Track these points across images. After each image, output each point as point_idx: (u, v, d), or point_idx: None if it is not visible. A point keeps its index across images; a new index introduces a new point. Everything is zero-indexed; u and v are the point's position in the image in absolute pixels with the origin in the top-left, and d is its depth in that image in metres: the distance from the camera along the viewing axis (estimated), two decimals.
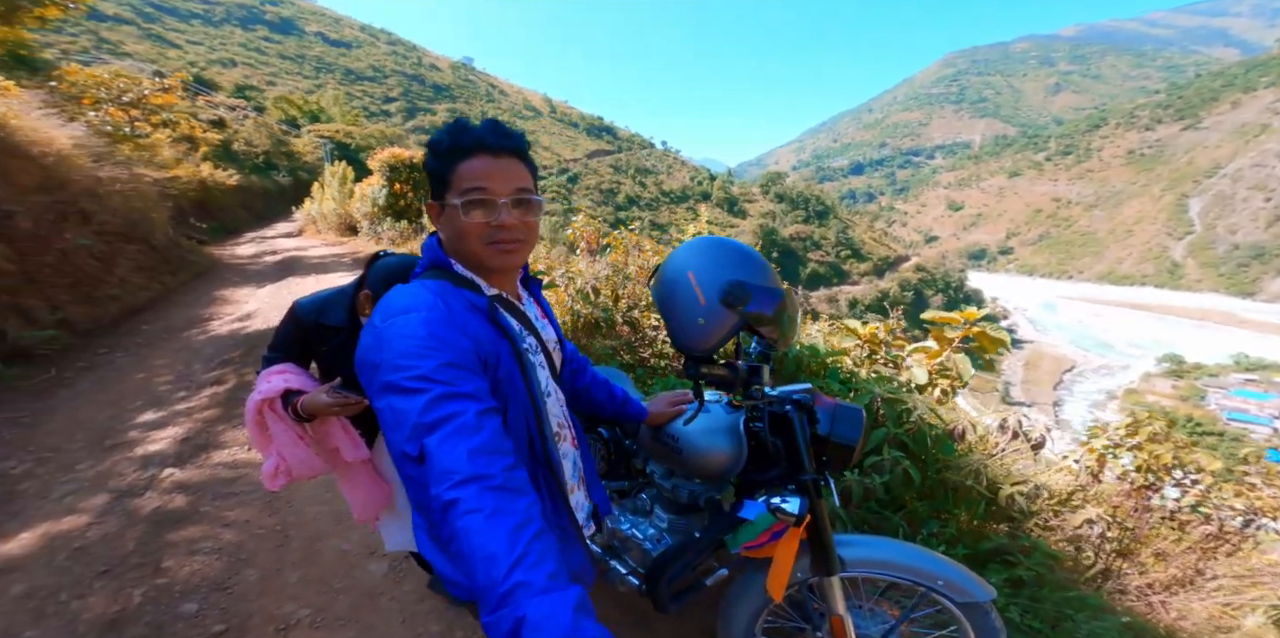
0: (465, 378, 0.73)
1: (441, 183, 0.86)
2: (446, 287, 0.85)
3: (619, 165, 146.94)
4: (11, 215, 5.02)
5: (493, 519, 0.61)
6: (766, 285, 1.12)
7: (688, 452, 1.39)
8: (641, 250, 4.74)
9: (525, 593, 0.56)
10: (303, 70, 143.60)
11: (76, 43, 48.52)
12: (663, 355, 3.69)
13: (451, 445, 0.66)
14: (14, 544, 2.31)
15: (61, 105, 8.07)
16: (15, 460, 3.00)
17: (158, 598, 2.00)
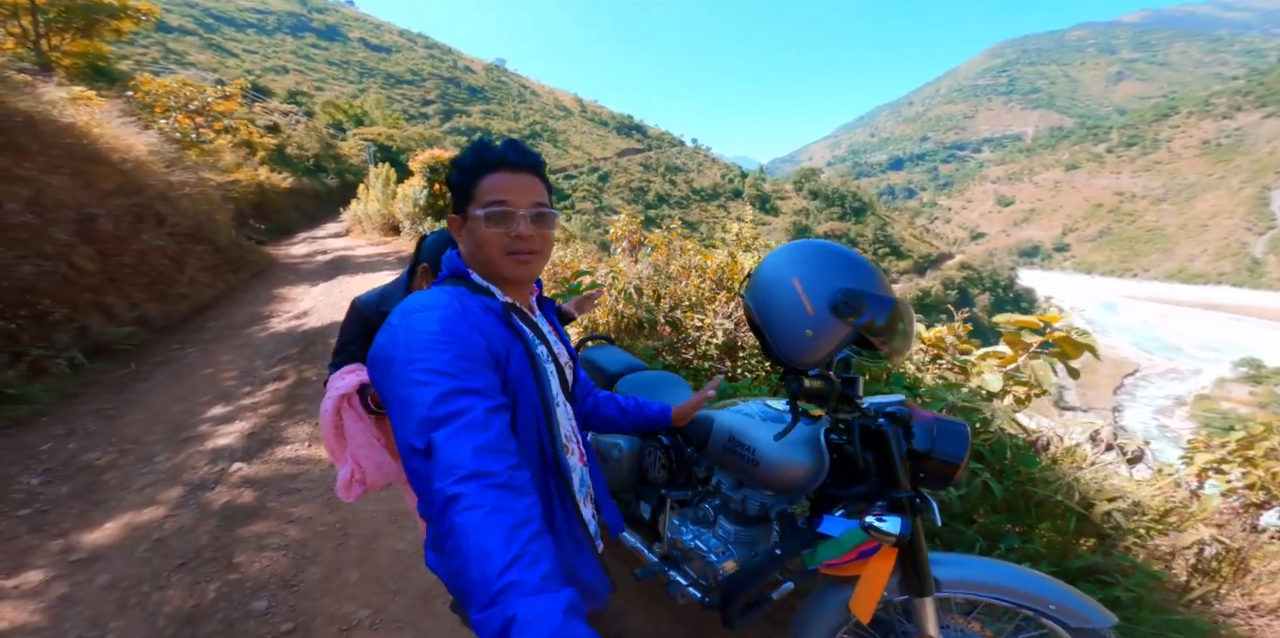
0: (476, 372, 0.75)
1: (464, 196, 0.92)
2: (463, 291, 0.89)
3: (649, 163, 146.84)
4: (95, 218, 5.40)
5: (492, 517, 0.61)
6: (879, 294, 1.06)
7: (766, 464, 1.33)
8: (684, 251, 4.75)
9: (517, 593, 0.56)
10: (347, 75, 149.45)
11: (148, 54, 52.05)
12: (705, 357, 3.64)
13: (459, 441, 0.66)
14: (99, 534, 2.43)
15: (137, 114, 8.65)
16: (100, 452, 3.20)
17: (230, 594, 2.06)
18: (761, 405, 1.50)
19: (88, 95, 7.30)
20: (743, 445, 1.39)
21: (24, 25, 9.29)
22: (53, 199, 5.10)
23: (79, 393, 4.05)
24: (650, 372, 2.03)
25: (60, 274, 4.71)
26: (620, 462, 1.78)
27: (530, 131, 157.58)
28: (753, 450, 1.36)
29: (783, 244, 1.24)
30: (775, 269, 1.13)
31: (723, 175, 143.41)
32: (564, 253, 8.05)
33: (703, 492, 1.64)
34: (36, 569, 2.18)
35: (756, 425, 1.41)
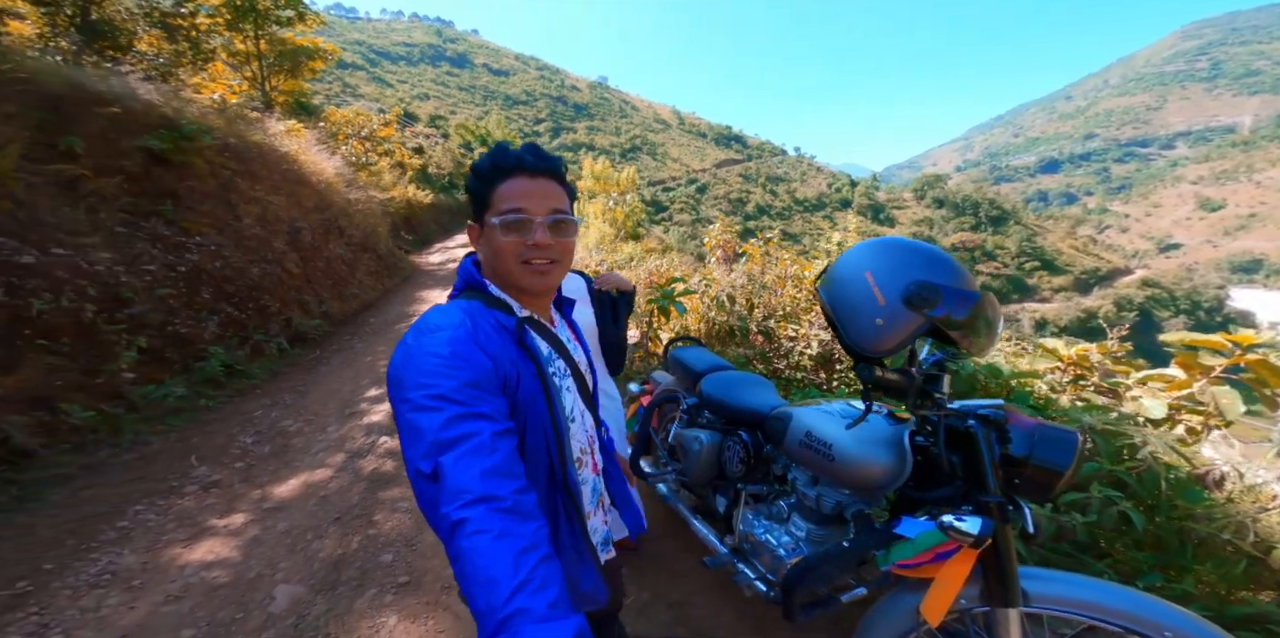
0: (483, 398, 0.74)
1: (482, 203, 0.90)
2: (478, 306, 0.88)
3: (748, 174, 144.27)
4: (300, 230, 6.81)
5: (498, 542, 0.61)
6: (959, 287, 1.05)
7: (841, 461, 1.33)
8: (779, 260, 4.81)
9: (524, 620, 0.55)
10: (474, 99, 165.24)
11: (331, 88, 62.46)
12: (799, 367, 3.68)
13: (466, 465, 0.66)
14: (285, 488, 2.94)
15: (326, 141, 10.59)
16: (292, 420, 3.90)
17: (367, 547, 2.40)
18: (843, 404, 1.50)
19: (297, 127, 9.11)
20: (819, 441, 1.40)
21: (254, 69, 11.80)
22: (274, 215, 6.55)
23: (282, 372, 5.09)
24: (734, 371, 2.09)
25: (277, 276, 6.03)
26: (700, 455, 1.82)
27: (630, 145, 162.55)
28: (829, 446, 1.37)
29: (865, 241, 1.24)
30: (849, 263, 1.16)
31: (829, 185, 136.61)
32: (660, 262, 8.43)
33: (779, 489, 1.66)
34: (240, 513, 2.70)
35: (834, 422, 1.41)
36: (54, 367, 3.35)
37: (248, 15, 10.93)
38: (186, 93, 7.04)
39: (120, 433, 3.38)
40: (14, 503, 2.65)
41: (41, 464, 2.93)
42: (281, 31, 11.85)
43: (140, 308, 4.13)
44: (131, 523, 2.58)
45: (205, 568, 2.27)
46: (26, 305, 3.28)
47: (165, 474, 3.04)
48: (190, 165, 5.35)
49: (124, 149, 4.73)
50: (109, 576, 2.21)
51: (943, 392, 1.17)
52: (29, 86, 4.05)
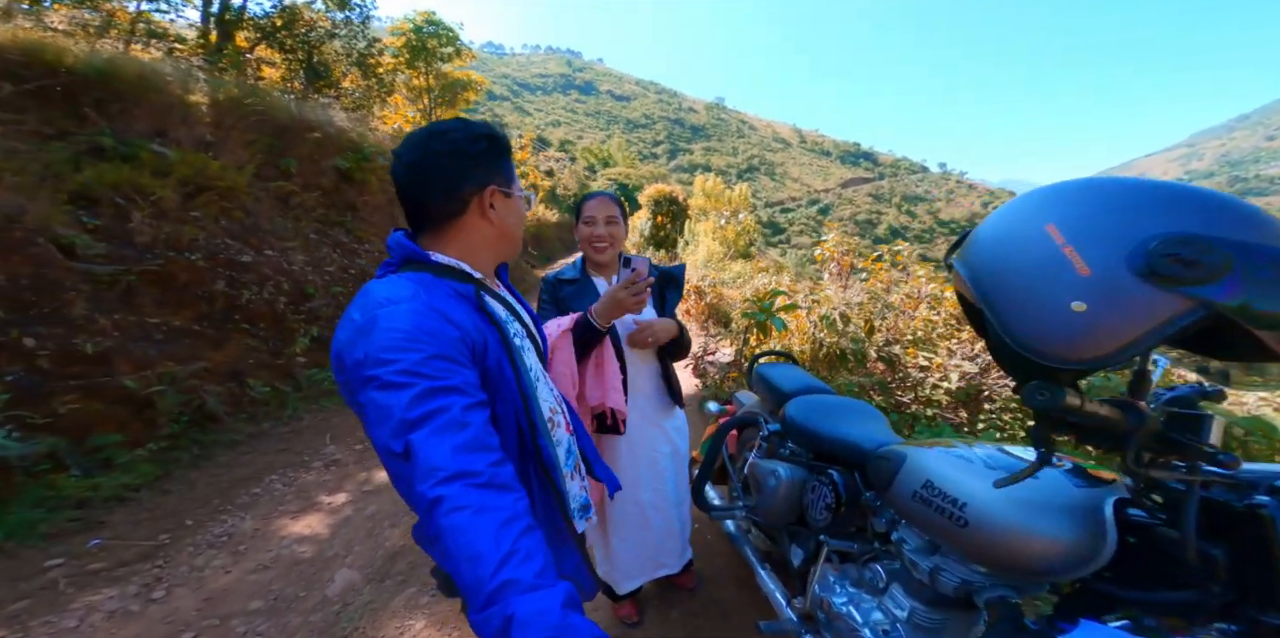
0: (453, 371, 0.71)
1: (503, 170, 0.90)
2: (427, 278, 0.83)
3: (879, 194, 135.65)
4: None
5: (479, 517, 0.60)
6: (1263, 242, 0.58)
7: (979, 528, 0.95)
8: (912, 277, 4.21)
9: (512, 591, 0.55)
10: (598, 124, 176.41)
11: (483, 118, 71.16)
12: (930, 403, 3.14)
13: (437, 442, 0.64)
14: (384, 475, 3.01)
15: None
16: None
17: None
18: (992, 450, 1.10)
19: None
20: (945, 496, 1.02)
21: (424, 102, 13.78)
22: None
23: None
24: (831, 395, 1.74)
25: None
26: (775, 493, 1.51)
27: (747, 165, 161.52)
28: (960, 505, 0.99)
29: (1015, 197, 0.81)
30: (1013, 215, 0.74)
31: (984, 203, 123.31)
32: (768, 280, 8.09)
33: (876, 548, 1.29)
34: (344, 492, 2.86)
35: (973, 472, 1.03)
36: (250, 347, 4.03)
37: (420, 54, 12.92)
38: (374, 123, 8.36)
39: (285, 408, 3.96)
40: (193, 460, 3.16)
41: (223, 429, 3.50)
42: (443, 67, 13.73)
43: (318, 302, 4.86)
44: (263, 491, 2.89)
45: (298, 541, 2.45)
46: (238, 295, 4.00)
47: (303, 449, 3.46)
48: (367, 183, 6.28)
49: (322, 168, 5.68)
50: (226, 537, 2.46)
51: (1208, 444, 0.75)
52: (264, 117, 5.04)
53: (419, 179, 0.85)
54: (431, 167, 0.85)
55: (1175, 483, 0.78)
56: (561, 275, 1.64)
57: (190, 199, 3.95)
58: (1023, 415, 2.71)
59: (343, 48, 8.87)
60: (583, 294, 1.59)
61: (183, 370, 3.46)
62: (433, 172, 0.85)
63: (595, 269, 1.68)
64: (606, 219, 1.60)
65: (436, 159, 0.85)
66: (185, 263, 3.72)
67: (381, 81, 10.22)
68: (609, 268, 1.67)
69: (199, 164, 4.04)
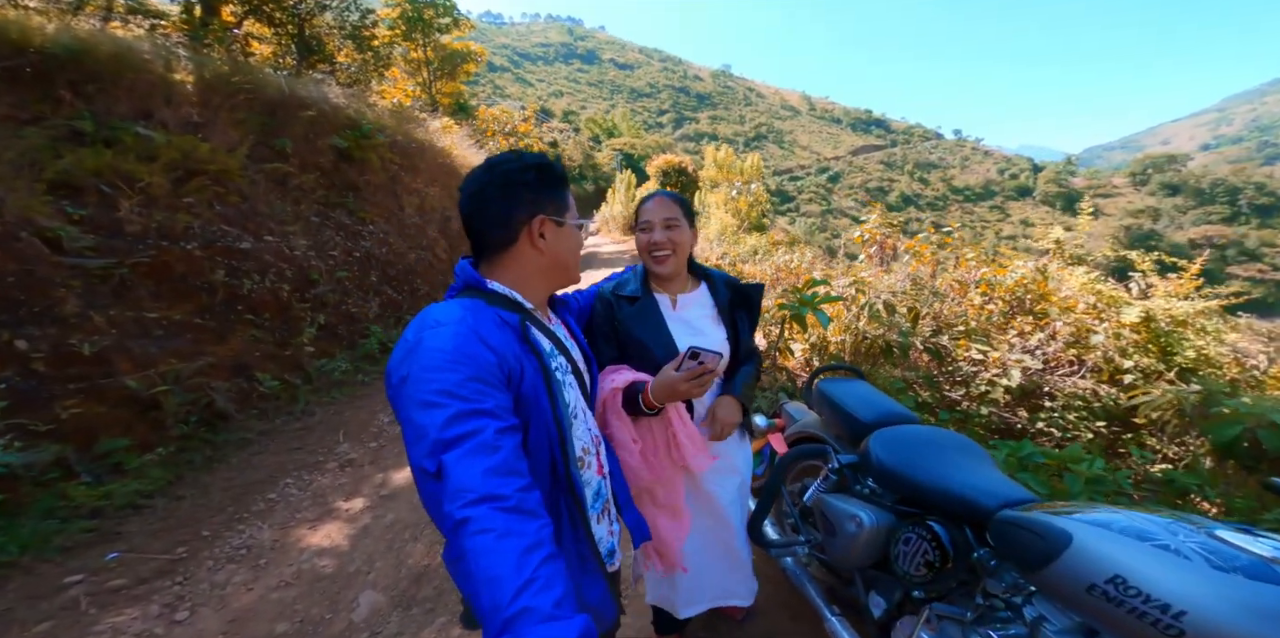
0: (487, 394, 0.73)
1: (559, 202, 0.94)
2: (478, 304, 0.87)
3: (891, 161, 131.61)
4: (449, 219, 7.39)
5: (503, 541, 0.60)
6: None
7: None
8: (960, 261, 3.92)
9: (529, 620, 0.54)
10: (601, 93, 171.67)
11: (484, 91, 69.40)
12: (985, 400, 2.95)
13: (468, 464, 0.65)
14: (401, 475, 2.95)
15: (477, 137, 11.55)
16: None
17: None
18: (1202, 535, 0.88)
19: (450, 124, 10.01)
20: (1148, 600, 0.82)
21: (423, 75, 13.31)
22: (429, 205, 7.17)
23: None
24: (918, 426, 1.53)
25: (428, 261, 6.59)
26: (856, 539, 1.36)
27: (755, 133, 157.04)
28: (1176, 615, 0.79)
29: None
30: None
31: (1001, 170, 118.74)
32: (790, 257, 7.63)
33: (990, 610, 1.10)
34: (361, 497, 2.74)
35: (1192, 571, 0.82)
36: (255, 339, 3.88)
37: (417, 25, 12.34)
38: (372, 98, 8.00)
39: (296, 402, 3.84)
40: (205, 462, 3.06)
41: (233, 428, 3.39)
42: (442, 38, 13.17)
43: (323, 288, 4.69)
44: (278, 496, 2.78)
45: (318, 554, 2.34)
46: (240, 285, 3.83)
47: (317, 447, 3.35)
48: (367, 161, 6.01)
49: (320, 148, 5.41)
50: (245, 550, 2.35)
51: None
52: (254, 95, 4.75)
53: (475, 209, 0.91)
54: (485, 196, 0.90)
55: None
56: (621, 291, 1.39)
57: (181, 184, 3.73)
58: (1089, 416, 2.50)
59: (335, 20, 8.43)
60: (644, 317, 1.35)
61: (187, 367, 3.33)
62: (486, 201, 0.90)
63: (659, 284, 1.42)
64: (665, 222, 1.34)
65: (489, 189, 0.90)
66: (181, 252, 3.54)
67: (378, 55, 9.77)
68: (675, 282, 1.42)
69: (188, 147, 3.81)
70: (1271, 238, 63.58)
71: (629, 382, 1.23)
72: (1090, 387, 2.66)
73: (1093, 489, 1.71)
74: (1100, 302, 3.05)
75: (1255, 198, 71.01)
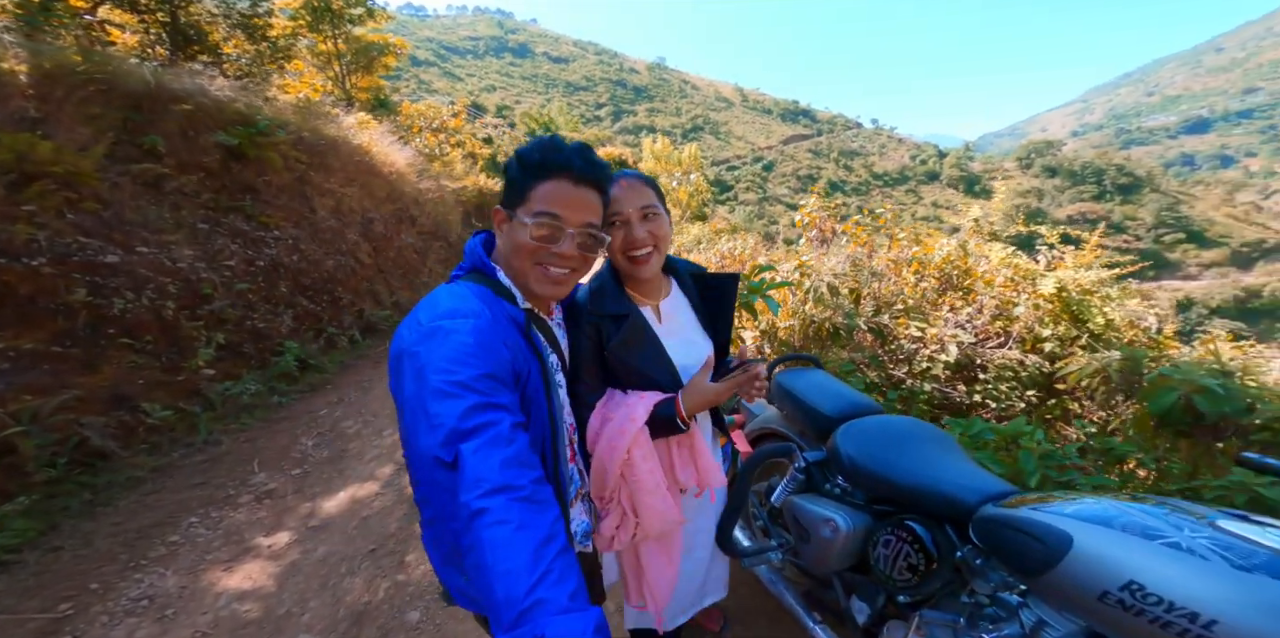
0: (500, 390, 0.74)
1: (517, 195, 0.89)
2: (489, 294, 0.87)
3: (818, 149, 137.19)
4: (372, 221, 6.82)
5: (519, 533, 0.60)
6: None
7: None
8: (893, 241, 3.97)
9: (546, 611, 0.54)
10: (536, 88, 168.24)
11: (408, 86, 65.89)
12: (925, 376, 2.99)
13: (485, 454, 0.66)
14: (332, 503, 2.71)
15: (401, 134, 10.81)
16: (353, 420, 3.75)
17: (394, 597, 2.06)
18: (1208, 529, 0.82)
19: (367, 120, 9.29)
20: (1171, 608, 0.75)
21: (335, 69, 12.31)
22: (347, 207, 6.58)
23: (352, 364, 5.06)
24: (883, 416, 1.46)
25: (350, 267, 6.05)
26: (834, 546, 1.28)
27: (692, 125, 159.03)
28: (1206, 624, 0.72)
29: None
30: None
31: (912, 156, 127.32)
32: (734, 244, 7.70)
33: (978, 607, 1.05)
34: (286, 531, 2.49)
35: (1208, 573, 0.75)
36: (136, 365, 3.36)
37: (324, 16, 11.37)
38: (272, 92, 7.24)
39: (195, 432, 3.37)
40: (85, 508, 2.61)
41: (117, 466, 2.92)
42: (355, 30, 12.23)
43: (220, 303, 4.15)
44: (182, 538, 2.44)
45: (239, 598, 2.06)
46: (108, 305, 3.29)
47: (226, 480, 2.94)
48: (266, 160, 5.39)
49: (203, 146, 4.78)
50: (146, 601, 2.05)
51: None
52: (111, 87, 4.11)
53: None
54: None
55: None
56: (602, 308, 1.10)
57: (17, 190, 3.14)
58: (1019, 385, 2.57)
59: (218, 8, 7.56)
60: (639, 342, 1.12)
61: (46, 403, 2.82)
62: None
63: (638, 292, 1.17)
64: (642, 212, 1.04)
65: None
66: (23, 270, 2.99)
67: (275, 46, 8.90)
68: (653, 286, 1.19)
69: (22, 146, 3.21)
70: (1133, 212, 74.66)
71: (652, 407, 1.10)
72: (1017, 357, 2.72)
73: (1045, 464, 1.67)
74: (1017, 275, 3.16)
75: (1117, 178, 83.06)
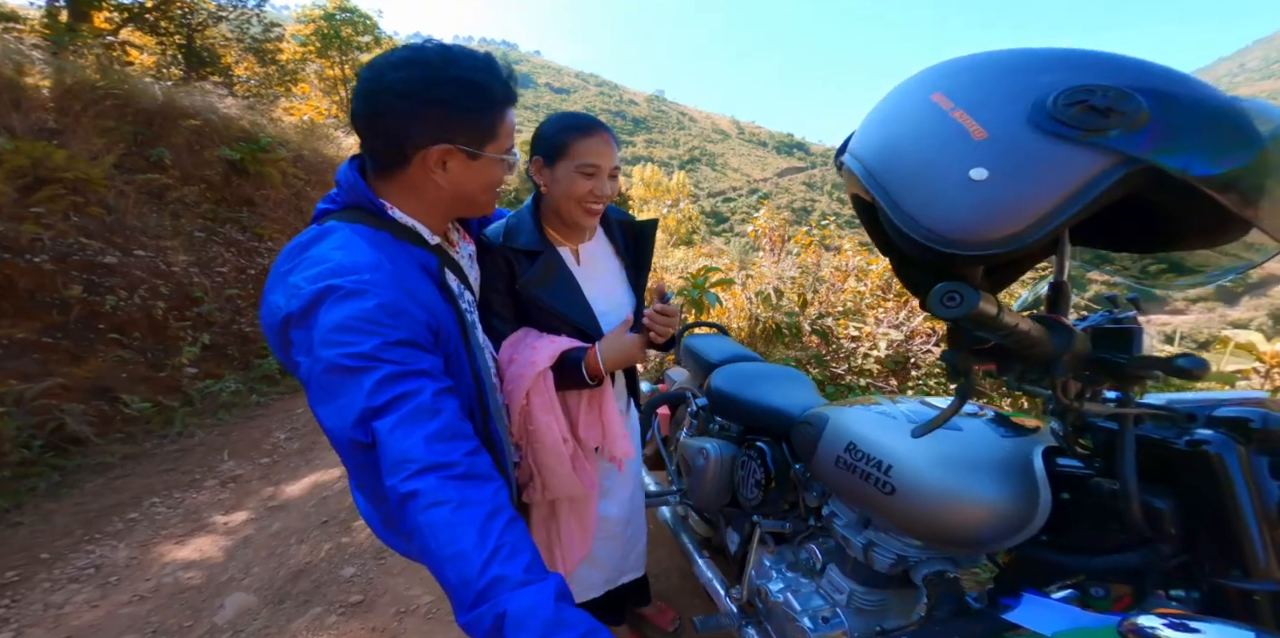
0: (417, 357, 0.64)
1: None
2: (386, 239, 0.72)
3: (812, 182, 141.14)
4: None
5: (459, 512, 0.55)
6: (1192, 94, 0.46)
7: (906, 494, 0.84)
8: (839, 251, 4.34)
9: (503, 587, 0.52)
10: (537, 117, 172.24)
11: None
12: (863, 372, 3.25)
13: (406, 431, 0.58)
14: (295, 487, 2.81)
15: None
16: None
17: (334, 557, 2.18)
18: (916, 403, 1.01)
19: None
20: (869, 459, 0.90)
21: (341, 94, 12.89)
22: None
23: None
24: (758, 363, 1.61)
25: None
26: (705, 473, 1.36)
27: (689, 156, 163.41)
28: (885, 469, 0.87)
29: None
30: (895, 98, 0.60)
31: None
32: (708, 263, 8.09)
33: (810, 526, 1.16)
34: (245, 510, 2.58)
35: (898, 429, 0.90)
36: (122, 359, 3.54)
37: (333, 42, 12.03)
38: (277, 113, 7.66)
39: (170, 425, 3.51)
40: (52, 489, 2.73)
41: (90, 452, 3.05)
42: (363, 57, 12.90)
43: (209, 306, 4.36)
44: (141, 515, 2.55)
45: (184, 568, 2.16)
46: (100, 302, 3.50)
47: (194, 467, 3.06)
48: (265, 175, 5.72)
49: (207, 160, 5.11)
50: (92, 570, 2.15)
51: (1143, 369, 0.61)
52: (126, 102, 4.45)
53: (366, 112, 0.71)
54: (383, 103, 0.70)
55: (1105, 422, 0.68)
56: (514, 242, 1.07)
57: (29, 193, 3.41)
58: (945, 379, 2.81)
59: (233, 32, 8.08)
60: (553, 280, 1.09)
61: (30, 389, 2.99)
62: (383, 109, 0.70)
63: (558, 232, 1.14)
64: (614, 171, 1.08)
65: (390, 96, 0.70)
66: (26, 266, 3.21)
67: (284, 70, 9.42)
68: (579, 231, 1.16)
69: (38, 154, 3.50)
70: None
71: (559, 353, 1.02)
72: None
73: None
74: None
75: None
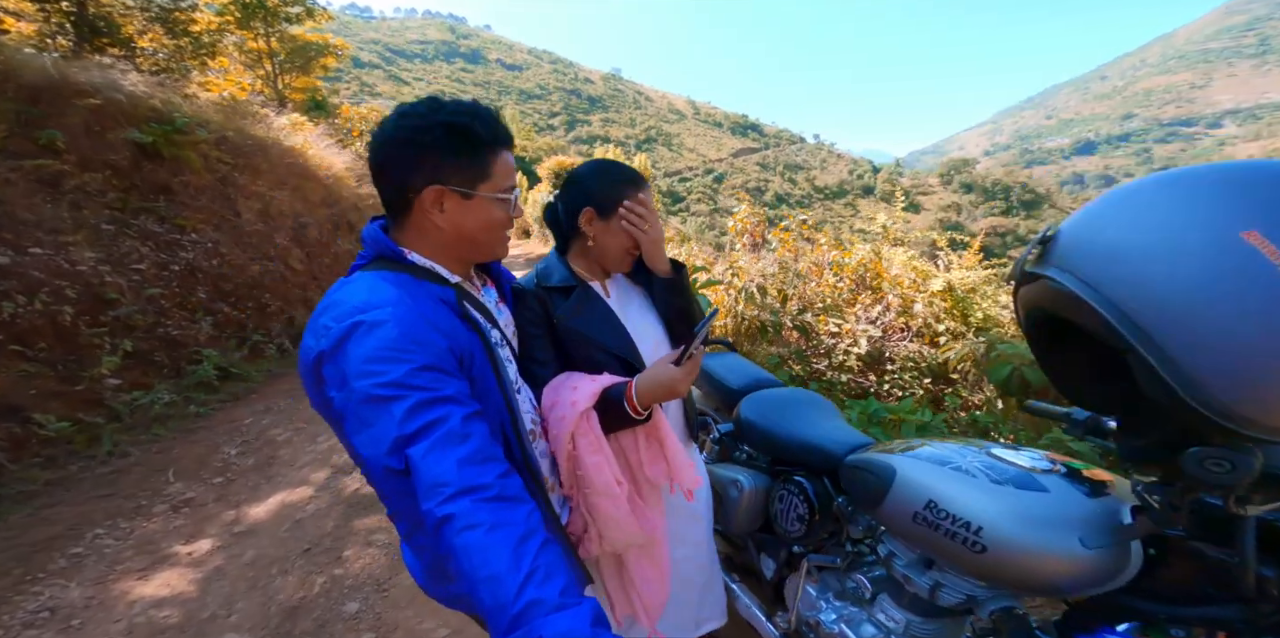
0: (445, 381, 0.67)
1: (478, 172, 0.81)
2: (408, 280, 0.78)
3: (766, 163, 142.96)
4: (306, 226, 6.57)
5: (493, 534, 0.56)
6: None
7: (1001, 553, 0.85)
8: (816, 245, 4.36)
9: (539, 611, 0.52)
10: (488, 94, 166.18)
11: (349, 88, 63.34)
12: (843, 368, 3.28)
13: (439, 456, 0.61)
14: (261, 509, 2.64)
15: (340, 137, 10.44)
16: (282, 428, 3.61)
17: (331, 591, 2.05)
18: (983, 456, 0.99)
19: (301, 121, 8.92)
20: (956, 520, 0.91)
21: (267, 68, 11.75)
22: (277, 210, 6.31)
23: (281, 373, 4.83)
24: (781, 388, 1.62)
25: (279, 273, 5.80)
26: (739, 505, 1.39)
27: (645, 136, 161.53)
28: (976, 530, 0.88)
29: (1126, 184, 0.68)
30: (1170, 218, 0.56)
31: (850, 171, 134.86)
32: (679, 252, 7.98)
33: (858, 555, 1.21)
34: (208, 538, 2.40)
35: (982, 491, 0.91)
36: (28, 373, 3.12)
37: (256, 12, 10.86)
38: (192, 89, 6.86)
39: (98, 444, 3.14)
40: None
41: (5, 480, 2.69)
42: (291, 28, 11.75)
43: (127, 309, 3.90)
44: (86, 549, 2.30)
45: (155, 606, 1.97)
46: None
47: (136, 491, 2.77)
48: (184, 160, 5.12)
49: (111, 143, 4.50)
50: (46, 613, 1.93)
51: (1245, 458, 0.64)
52: (4, 77, 3.82)
53: (374, 164, 0.80)
54: (385, 153, 0.79)
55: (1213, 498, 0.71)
56: (548, 282, 1.08)
57: None
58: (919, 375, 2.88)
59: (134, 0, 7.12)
60: (588, 310, 1.07)
61: None
62: (386, 159, 0.79)
63: (584, 269, 1.13)
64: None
65: (390, 146, 0.79)
66: None
67: (198, 42, 8.43)
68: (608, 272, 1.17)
69: None
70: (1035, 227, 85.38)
71: (599, 391, 0.98)
72: (917, 349, 3.03)
73: (922, 434, 1.89)
74: (918, 276, 3.53)
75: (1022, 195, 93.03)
